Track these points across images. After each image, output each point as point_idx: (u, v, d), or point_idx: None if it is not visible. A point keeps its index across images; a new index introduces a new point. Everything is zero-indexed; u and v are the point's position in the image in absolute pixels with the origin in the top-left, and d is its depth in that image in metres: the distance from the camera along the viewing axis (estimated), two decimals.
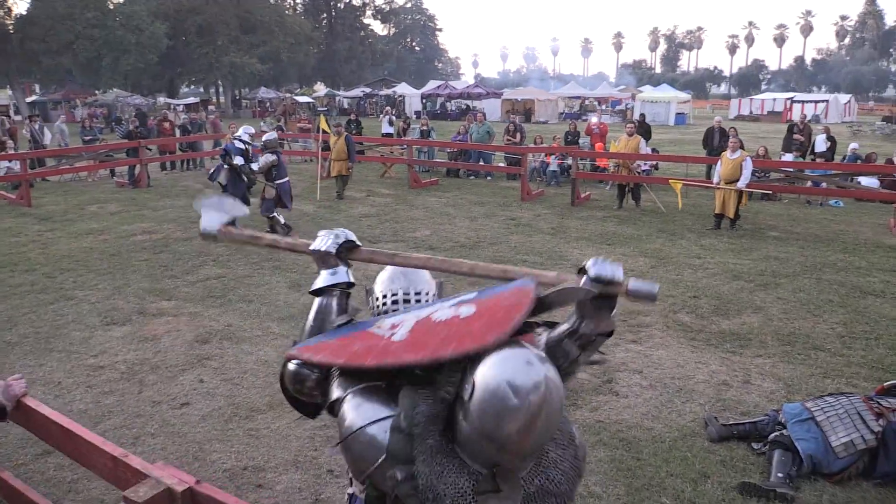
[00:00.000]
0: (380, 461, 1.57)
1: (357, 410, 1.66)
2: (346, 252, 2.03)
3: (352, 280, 2.02)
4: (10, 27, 44.60)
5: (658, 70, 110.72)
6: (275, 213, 10.29)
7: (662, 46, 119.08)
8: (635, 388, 5.18)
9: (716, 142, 15.20)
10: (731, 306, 7.06)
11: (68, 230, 10.84)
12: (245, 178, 10.23)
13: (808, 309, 6.97)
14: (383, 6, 76.51)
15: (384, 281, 2.12)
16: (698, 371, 5.50)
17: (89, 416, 4.75)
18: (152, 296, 7.46)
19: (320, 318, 2.00)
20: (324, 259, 2.02)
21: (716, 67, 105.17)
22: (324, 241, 2.02)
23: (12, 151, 16.24)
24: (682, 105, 41.35)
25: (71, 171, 16.20)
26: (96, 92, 47.40)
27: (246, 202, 9.78)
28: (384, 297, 2.09)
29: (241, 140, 10.28)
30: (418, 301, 2.09)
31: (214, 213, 2.20)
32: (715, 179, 10.89)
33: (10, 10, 45.13)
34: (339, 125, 14.69)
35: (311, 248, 2.03)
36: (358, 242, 2.04)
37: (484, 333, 1.53)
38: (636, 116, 25.84)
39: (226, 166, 10.26)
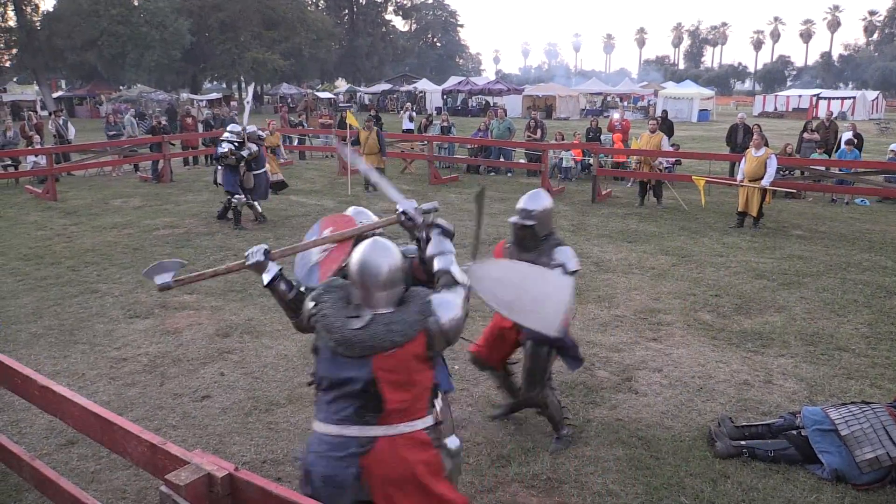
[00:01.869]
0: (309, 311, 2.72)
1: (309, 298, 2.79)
2: (268, 256, 3.00)
3: (279, 268, 2.99)
4: (37, 24, 45.30)
5: (681, 66, 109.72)
6: (255, 202, 10.89)
7: (686, 42, 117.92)
8: (655, 387, 5.15)
9: (739, 139, 15.02)
10: (754, 305, 6.99)
11: (93, 224, 10.99)
12: (240, 174, 10.61)
13: (833, 309, 6.88)
14: (405, 2, 76.54)
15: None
16: (719, 370, 5.45)
17: (112, 407, 4.82)
18: (174, 290, 7.52)
19: (284, 302, 3.03)
20: (258, 267, 3.00)
21: (740, 64, 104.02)
22: (254, 255, 3.00)
23: (38, 146, 16.49)
24: (706, 102, 40.97)
25: (95, 166, 16.42)
26: (121, 88, 47.98)
27: (239, 193, 10.58)
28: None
29: (227, 140, 10.49)
30: None
31: (162, 273, 3.06)
32: (739, 177, 10.77)
33: (37, 6, 45.82)
34: (369, 120, 14.72)
35: (248, 264, 3.00)
36: (270, 249, 3.02)
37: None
38: (658, 113, 25.60)
39: (220, 167, 10.90)
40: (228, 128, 11.05)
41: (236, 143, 10.37)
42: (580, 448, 4.29)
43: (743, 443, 4.19)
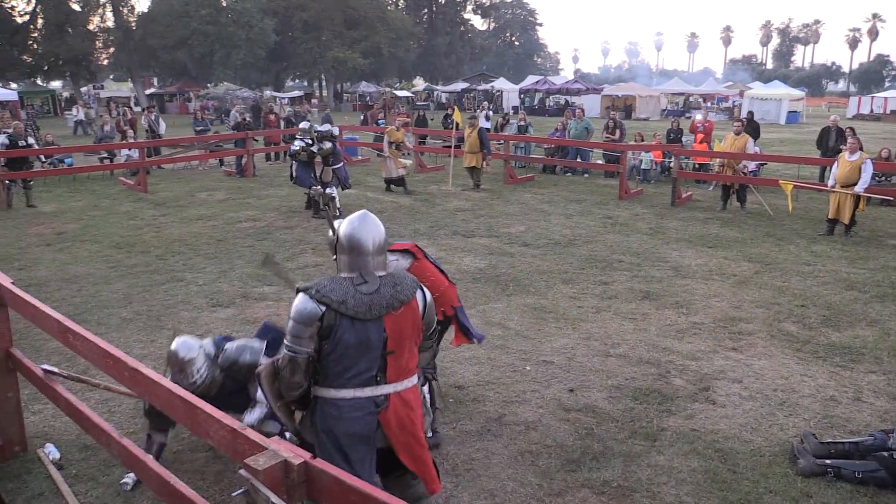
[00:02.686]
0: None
1: None
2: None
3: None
4: (133, 24, 47.64)
5: (769, 66, 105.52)
6: (334, 194, 11.15)
7: (775, 41, 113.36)
8: (734, 398, 4.97)
9: (831, 142, 14.32)
10: (843, 318, 6.65)
11: (179, 215, 11.48)
12: (314, 170, 10.99)
13: None
14: (484, 1, 76.50)
15: None
16: (804, 384, 5.21)
17: None
18: (255, 281, 7.79)
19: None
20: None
21: (833, 63, 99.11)
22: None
23: (132, 140, 17.36)
24: (795, 103, 39.24)
25: (184, 160, 17.15)
26: (208, 85, 49.91)
27: (314, 185, 10.91)
28: None
29: (299, 138, 11.03)
30: None
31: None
32: (830, 182, 10.26)
33: (133, 8, 48.20)
34: (473, 117, 14.78)
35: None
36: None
37: None
38: (744, 114, 24.69)
39: (294, 163, 11.22)
40: (300, 125, 11.53)
41: (308, 141, 10.77)
42: (653, 457, 4.19)
43: (828, 462, 3.98)
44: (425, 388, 3.77)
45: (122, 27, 46.96)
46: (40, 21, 44.98)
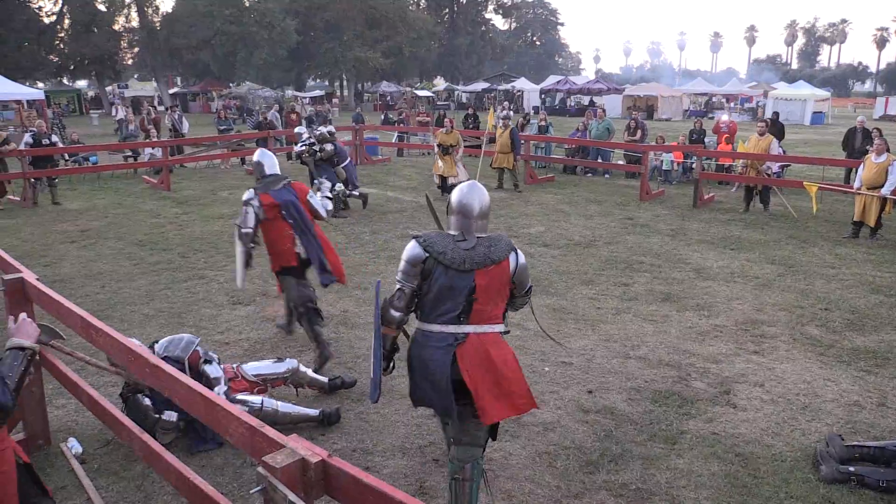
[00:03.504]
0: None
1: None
2: None
3: None
4: (157, 24, 48.20)
5: (794, 66, 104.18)
6: (356, 191, 11.73)
7: (800, 41, 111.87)
8: (755, 402, 4.91)
9: (857, 143, 14.10)
10: (868, 322, 6.54)
11: (202, 213, 11.58)
12: (326, 170, 11.35)
13: None
14: (505, 1, 76.36)
15: None
16: (827, 389, 5.13)
17: None
18: (274, 279, 7.81)
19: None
20: None
21: (860, 63, 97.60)
22: None
23: (155, 139, 17.56)
24: (820, 103, 38.65)
25: (206, 159, 17.30)
26: (230, 84, 50.36)
27: (335, 182, 11.25)
28: None
29: (302, 141, 11.49)
30: None
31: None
32: (856, 184, 10.10)
33: (157, 8, 48.78)
34: (506, 118, 14.70)
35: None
36: None
37: None
38: (768, 115, 24.39)
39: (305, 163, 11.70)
40: (295, 131, 12.01)
41: (309, 143, 11.12)
42: (672, 460, 4.15)
43: (851, 469, 3.92)
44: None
45: (146, 27, 47.54)
46: (67, 21, 45.69)
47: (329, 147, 11.23)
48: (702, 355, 5.72)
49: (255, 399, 4.45)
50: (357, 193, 11.79)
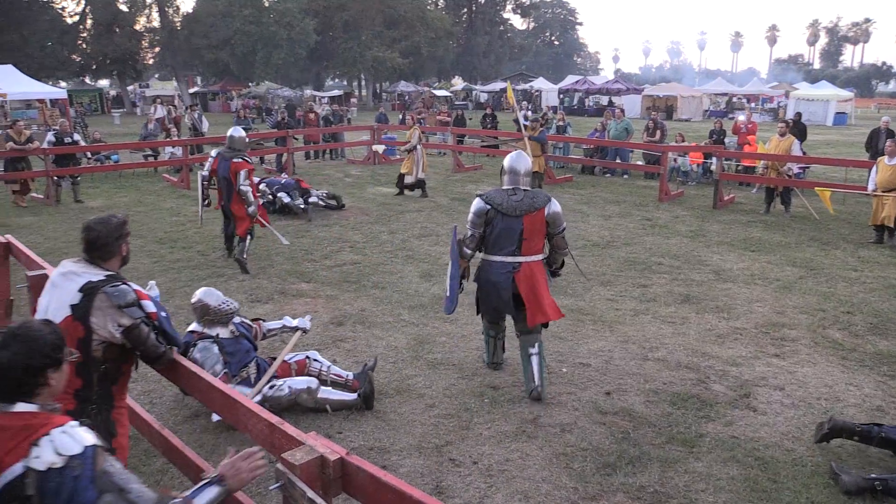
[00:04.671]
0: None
1: None
2: None
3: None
4: (178, 24, 48.63)
5: (816, 66, 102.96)
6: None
7: (823, 40, 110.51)
8: (775, 406, 4.86)
9: (881, 145, 13.86)
10: (892, 325, 6.45)
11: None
12: None
13: None
14: (524, 0, 76.17)
15: None
16: (849, 393, 5.07)
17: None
18: (293, 277, 7.88)
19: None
20: None
21: (884, 63, 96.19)
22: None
23: (176, 138, 17.72)
24: (843, 104, 38.16)
25: None
26: (249, 84, 50.69)
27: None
28: None
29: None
30: None
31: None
32: (870, 187, 9.94)
33: (178, 8, 49.22)
34: (535, 120, 14.56)
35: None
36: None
37: None
38: (790, 115, 24.13)
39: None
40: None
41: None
42: (691, 463, 4.12)
43: (874, 475, 3.86)
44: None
45: (167, 27, 47.95)
46: (89, 21, 46.21)
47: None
48: (721, 358, 5.68)
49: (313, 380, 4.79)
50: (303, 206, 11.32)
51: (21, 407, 1.91)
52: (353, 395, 4.75)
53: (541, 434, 4.44)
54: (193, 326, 4.79)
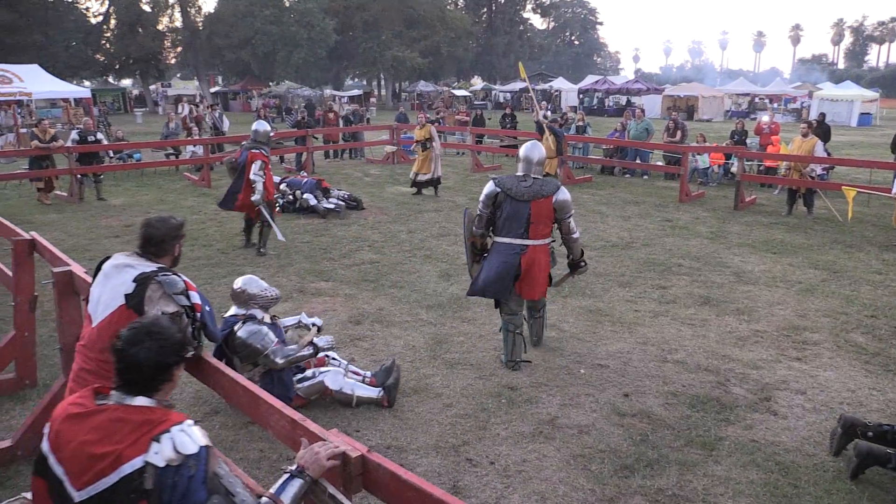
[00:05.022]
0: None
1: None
2: None
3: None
4: (200, 24, 49.09)
5: (841, 65, 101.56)
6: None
7: (847, 40, 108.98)
8: (796, 410, 4.81)
9: None
10: None
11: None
12: None
13: None
14: (544, 0, 75.91)
15: None
16: (872, 398, 5.00)
17: None
18: (312, 276, 7.92)
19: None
20: None
21: None
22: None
23: (197, 137, 17.88)
24: (868, 104, 37.62)
25: None
26: (270, 84, 51.04)
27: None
28: None
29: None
30: None
31: None
32: (894, 190, 9.79)
33: (199, 8, 49.68)
34: (554, 120, 14.46)
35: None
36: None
37: None
38: (814, 116, 23.81)
39: None
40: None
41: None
42: (710, 466, 4.09)
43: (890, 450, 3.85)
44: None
45: (189, 27, 48.43)
46: (113, 21, 46.80)
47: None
48: (741, 361, 5.62)
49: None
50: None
51: (140, 401, 1.99)
52: (377, 390, 4.78)
53: (558, 435, 4.43)
54: (235, 311, 4.85)
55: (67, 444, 1.94)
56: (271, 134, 9.47)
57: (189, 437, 1.94)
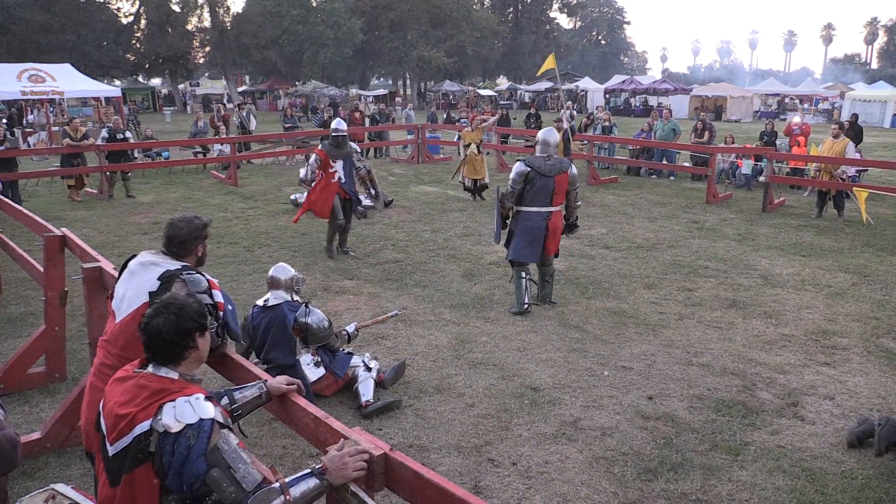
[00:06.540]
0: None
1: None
2: None
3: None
4: (228, 24, 49.64)
5: (874, 65, 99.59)
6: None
7: (881, 39, 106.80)
8: (825, 416, 4.73)
9: None
10: None
11: (267, 209, 11.86)
12: None
13: None
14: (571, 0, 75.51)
15: None
16: None
17: None
18: (336, 274, 7.97)
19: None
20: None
21: None
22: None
23: (224, 136, 18.07)
24: None
25: (272, 156, 17.72)
26: (296, 83, 51.44)
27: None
28: None
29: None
30: None
31: None
32: None
33: (228, 8, 50.25)
34: (558, 120, 14.09)
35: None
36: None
37: None
38: (846, 117, 23.37)
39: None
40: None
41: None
42: (735, 471, 4.04)
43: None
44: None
45: (217, 27, 48.99)
46: (143, 21, 47.55)
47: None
48: (768, 365, 5.55)
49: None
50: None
51: (165, 372, 2.12)
52: (374, 374, 5.01)
53: (581, 437, 4.41)
54: (281, 296, 4.99)
55: (107, 403, 2.14)
56: (339, 131, 8.90)
57: (192, 407, 2.00)
